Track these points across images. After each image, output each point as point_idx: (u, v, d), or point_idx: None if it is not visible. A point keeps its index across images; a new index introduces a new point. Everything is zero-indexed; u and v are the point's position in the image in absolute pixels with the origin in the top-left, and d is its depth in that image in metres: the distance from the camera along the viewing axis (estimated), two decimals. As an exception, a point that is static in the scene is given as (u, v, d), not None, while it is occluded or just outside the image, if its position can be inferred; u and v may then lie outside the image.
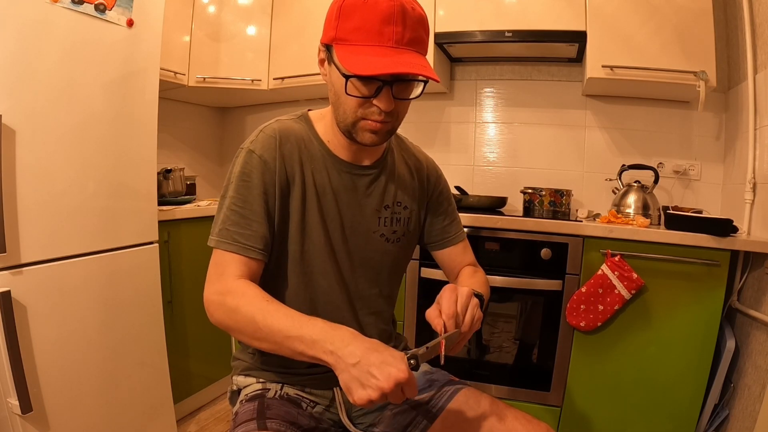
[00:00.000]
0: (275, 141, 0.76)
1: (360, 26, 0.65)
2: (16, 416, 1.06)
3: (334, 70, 0.70)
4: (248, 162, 0.74)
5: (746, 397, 1.35)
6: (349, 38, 0.66)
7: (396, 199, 0.85)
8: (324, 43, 0.72)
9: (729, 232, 1.33)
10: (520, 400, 1.57)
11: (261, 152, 0.74)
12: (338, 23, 0.67)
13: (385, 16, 0.64)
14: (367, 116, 0.70)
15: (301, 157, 0.77)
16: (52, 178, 1.16)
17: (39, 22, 1.09)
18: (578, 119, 1.99)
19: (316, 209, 0.78)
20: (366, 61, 0.64)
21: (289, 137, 0.77)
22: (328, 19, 0.70)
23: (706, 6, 1.55)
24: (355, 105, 0.70)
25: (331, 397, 0.84)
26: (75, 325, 1.22)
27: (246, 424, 0.71)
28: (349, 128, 0.73)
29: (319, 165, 0.79)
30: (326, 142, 0.80)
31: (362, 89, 0.68)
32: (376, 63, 0.63)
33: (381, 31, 0.65)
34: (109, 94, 1.29)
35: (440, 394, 0.81)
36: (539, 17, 1.70)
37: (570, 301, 1.46)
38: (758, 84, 1.49)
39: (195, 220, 1.75)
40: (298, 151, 0.77)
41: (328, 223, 0.79)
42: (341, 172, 0.80)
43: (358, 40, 0.66)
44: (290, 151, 0.76)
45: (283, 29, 2.11)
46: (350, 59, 0.65)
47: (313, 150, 0.79)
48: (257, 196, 0.73)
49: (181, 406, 1.74)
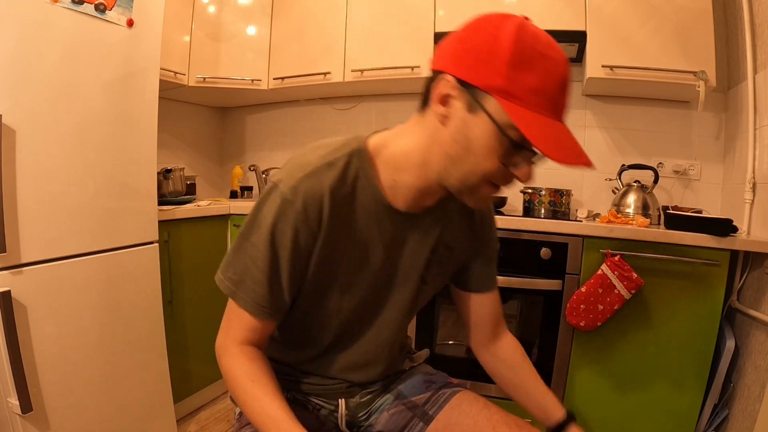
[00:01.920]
0: (319, 192, 0.61)
1: (541, 89, 0.53)
2: (16, 416, 1.06)
3: (484, 124, 0.55)
4: (284, 213, 0.61)
5: (746, 396, 1.35)
6: (525, 99, 0.53)
7: (445, 242, 0.75)
8: (468, 83, 0.55)
9: (729, 232, 1.33)
10: (520, 400, 1.57)
11: (300, 205, 0.60)
12: (512, 72, 0.53)
13: (563, 80, 0.55)
14: (497, 182, 0.60)
15: (349, 210, 0.65)
16: (52, 178, 1.16)
17: (39, 22, 1.09)
18: (578, 119, 1.99)
19: (362, 267, 0.68)
20: (555, 141, 0.54)
21: (337, 187, 0.62)
22: (483, 57, 0.54)
23: (705, 6, 1.55)
24: (492, 170, 0.58)
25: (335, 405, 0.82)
26: (75, 324, 1.22)
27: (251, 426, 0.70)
28: (465, 190, 0.61)
29: (369, 216, 0.66)
30: (383, 187, 0.66)
31: (514, 158, 0.58)
32: (566, 146, 0.55)
33: (557, 100, 0.55)
34: (109, 94, 1.29)
35: (437, 396, 0.80)
36: (539, 17, 1.67)
37: (570, 301, 1.46)
38: (758, 84, 1.49)
39: (195, 220, 1.75)
40: (347, 203, 0.64)
41: (376, 279, 0.71)
42: (393, 223, 0.68)
43: (536, 105, 0.53)
44: (335, 206, 0.63)
45: (283, 29, 2.11)
46: (534, 128, 0.53)
47: (365, 201, 0.66)
48: (286, 256, 0.62)
49: (181, 406, 1.74)
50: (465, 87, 0.56)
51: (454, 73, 0.56)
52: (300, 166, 0.62)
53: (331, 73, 2.00)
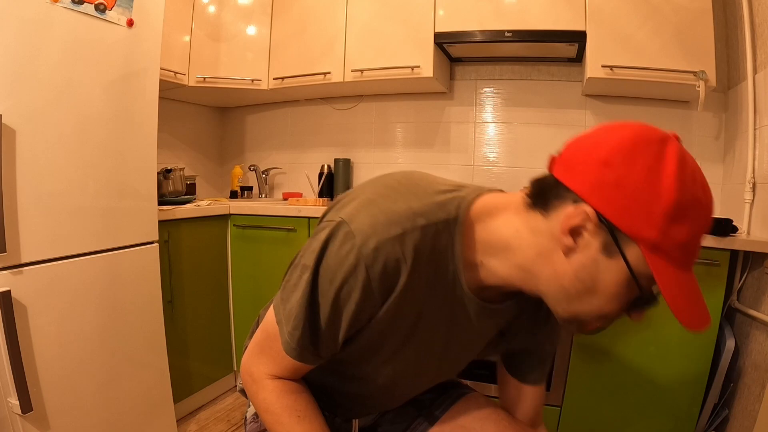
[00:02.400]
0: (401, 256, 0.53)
1: (689, 243, 0.48)
2: (16, 416, 1.06)
3: (620, 273, 0.49)
4: (357, 274, 0.53)
5: (746, 396, 1.35)
6: (672, 254, 0.48)
7: (514, 330, 0.70)
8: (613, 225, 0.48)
9: (728, 232, 1.33)
10: (520, 400, 1.57)
11: (380, 270, 0.53)
12: (668, 225, 0.46)
13: (708, 230, 0.50)
14: (609, 322, 0.56)
15: (424, 284, 0.57)
16: (52, 178, 1.16)
17: (39, 22, 1.09)
18: (578, 119, 1.99)
19: (415, 338, 0.61)
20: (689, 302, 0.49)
21: (424, 258, 0.55)
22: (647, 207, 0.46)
23: (705, 6, 1.55)
24: (611, 315, 0.54)
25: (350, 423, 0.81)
26: (75, 324, 1.22)
27: None
28: (570, 321, 0.56)
29: (442, 297, 0.59)
30: (466, 263, 0.58)
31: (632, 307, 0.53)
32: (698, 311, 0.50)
33: (697, 252, 0.50)
34: (109, 94, 1.29)
35: (444, 397, 0.80)
36: (539, 17, 1.70)
37: (570, 301, 1.45)
38: (758, 84, 1.49)
39: (195, 219, 1.75)
40: (426, 276, 0.56)
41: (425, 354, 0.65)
42: (466, 309, 0.61)
43: (680, 261, 0.48)
44: (414, 278, 0.55)
45: (283, 29, 2.11)
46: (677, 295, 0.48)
47: (444, 281, 0.58)
48: (347, 319, 0.56)
49: (181, 406, 1.74)
50: (607, 227, 0.48)
51: (598, 207, 0.48)
52: (387, 221, 0.53)
53: (331, 73, 2.00)
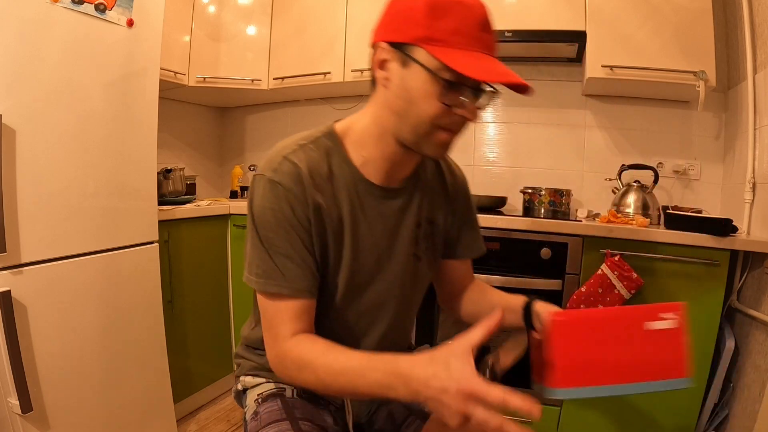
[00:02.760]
0: (300, 171, 0.66)
1: (459, 28, 0.59)
2: (16, 416, 1.06)
3: (417, 73, 0.61)
4: (276, 195, 0.65)
5: (746, 396, 1.35)
6: (447, 40, 0.59)
7: (427, 215, 0.80)
8: (397, 43, 0.62)
9: (729, 232, 1.33)
10: (520, 400, 1.57)
11: (287, 184, 0.65)
12: (430, 22, 0.59)
13: (482, 21, 0.61)
14: (447, 126, 0.64)
15: (328, 185, 0.69)
16: (52, 178, 1.16)
17: (39, 22, 1.09)
18: (578, 119, 1.99)
19: (348, 239, 0.70)
20: (481, 66, 0.58)
21: (316, 165, 0.68)
22: (406, 17, 0.61)
23: (705, 6, 1.55)
24: (437, 113, 0.62)
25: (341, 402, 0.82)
26: (75, 324, 1.22)
27: (277, 424, 0.69)
28: (421, 139, 0.65)
29: (349, 192, 0.70)
30: (357, 164, 0.71)
31: (453, 97, 0.61)
32: (493, 69, 0.59)
33: (480, 37, 0.60)
34: (109, 94, 1.29)
35: None
36: (539, 17, 1.70)
37: (570, 301, 1.46)
38: (758, 84, 1.49)
39: (195, 219, 1.75)
40: (326, 178, 0.69)
41: (365, 253, 0.72)
42: (373, 197, 0.72)
43: (458, 44, 0.59)
44: (317, 181, 0.67)
45: (283, 29, 2.11)
46: (458, 60, 0.57)
47: (342, 176, 0.70)
48: (291, 231, 0.65)
49: (181, 406, 1.74)
50: (396, 47, 0.62)
51: (384, 39, 0.63)
52: (276, 153, 0.68)
53: (331, 73, 2.00)
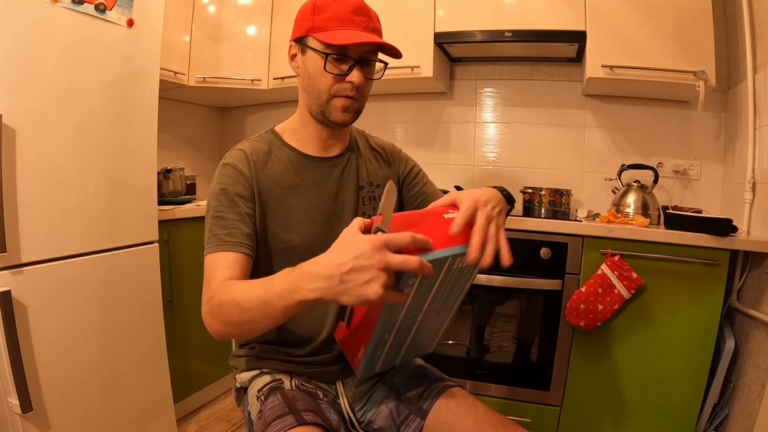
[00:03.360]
0: (246, 153, 0.82)
1: (334, 16, 0.76)
2: (16, 416, 1.06)
3: (310, 56, 0.78)
4: (224, 173, 0.80)
5: (745, 396, 1.35)
6: (325, 26, 0.76)
7: (369, 179, 0.92)
8: (297, 38, 0.81)
9: (728, 232, 1.33)
10: (520, 400, 1.58)
11: (234, 163, 0.80)
12: (313, 17, 0.77)
13: (353, 8, 0.77)
14: (340, 92, 0.78)
15: (272, 164, 0.83)
16: (53, 178, 1.16)
17: (39, 22, 1.09)
18: (578, 119, 1.99)
19: (298, 206, 0.83)
20: (345, 37, 0.74)
21: (260, 149, 0.84)
22: (301, 18, 0.80)
23: (705, 6, 1.55)
24: (330, 83, 0.78)
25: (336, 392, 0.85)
26: (75, 324, 1.22)
27: (282, 419, 0.70)
28: (323, 107, 0.80)
29: (291, 167, 0.84)
30: (295, 145, 0.86)
31: (338, 67, 0.77)
32: (355, 37, 0.75)
33: (352, 19, 0.77)
34: (109, 94, 1.29)
35: (430, 389, 0.82)
36: (539, 17, 1.70)
37: (570, 301, 1.46)
38: (758, 84, 1.49)
39: (195, 219, 1.75)
40: (270, 159, 0.84)
41: (313, 215, 0.83)
42: (315, 167, 0.86)
43: (334, 26, 0.76)
44: (262, 160, 0.82)
45: (283, 29, 2.11)
46: (331, 36, 0.75)
47: (283, 155, 0.85)
48: (236, 200, 0.78)
49: (181, 406, 1.74)
50: (297, 42, 0.81)
51: (292, 38, 0.82)
52: (229, 151, 0.84)
53: (331, 73, 2.00)
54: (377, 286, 0.51)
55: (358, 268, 0.51)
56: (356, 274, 0.52)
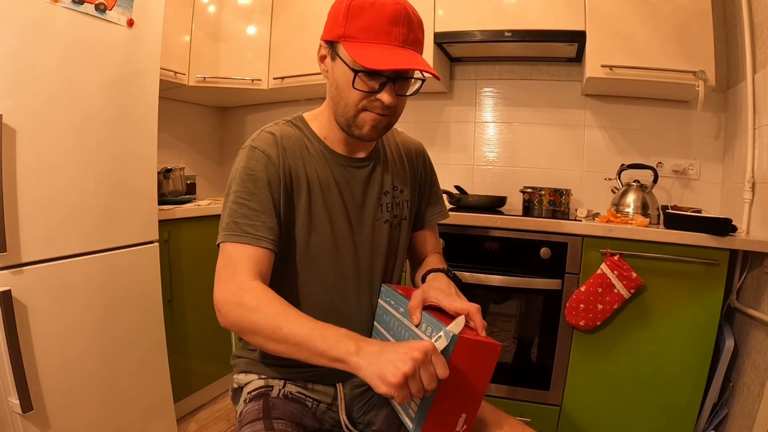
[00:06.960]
0: (276, 138, 0.78)
1: (369, 26, 0.69)
2: (16, 415, 1.06)
3: (340, 66, 0.73)
4: (251, 157, 0.75)
5: (745, 396, 1.35)
6: (358, 36, 0.69)
7: (393, 185, 0.89)
8: (328, 40, 0.74)
9: (728, 232, 1.33)
10: (520, 399, 1.58)
11: (264, 148, 0.76)
12: (347, 22, 0.70)
13: (392, 17, 0.69)
14: (369, 109, 0.74)
15: (302, 153, 0.79)
16: (53, 178, 1.16)
17: (39, 22, 1.10)
18: (577, 119, 1.99)
19: (321, 203, 0.79)
20: (377, 57, 0.67)
21: (290, 136, 0.80)
22: (333, 18, 0.73)
23: (705, 6, 1.55)
24: (358, 98, 0.73)
25: (334, 395, 0.84)
26: (75, 324, 1.22)
27: (252, 424, 0.71)
28: (350, 121, 0.75)
29: (319, 161, 0.81)
30: (323, 138, 0.82)
31: (368, 84, 0.71)
32: (387, 59, 0.68)
33: (389, 31, 0.69)
34: (110, 94, 1.29)
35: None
36: (538, 17, 1.70)
37: (569, 301, 1.46)
38: (757, 83, 1.49)
39: (195, 219, 1.75)
40: (299, 148, 0.80)
41: (335, 215, 0.81)
42: (341, 166, 0.83)
43: (368, 38, 0.69)
44: (291, 148, 0.78)
45: (283, 29, 2.11)
46: (362, 54, 0.68)
47: (312, 147, 0.81)
48: (263, 188, 0.74)
49: (181, 405, 1.74)
50: (328, 44, 0.75)
51: (323, 38, 0.76)
52: (259, 131, 0.80)
53: (330, 73, 2.00)
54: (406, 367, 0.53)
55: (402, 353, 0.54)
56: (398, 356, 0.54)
